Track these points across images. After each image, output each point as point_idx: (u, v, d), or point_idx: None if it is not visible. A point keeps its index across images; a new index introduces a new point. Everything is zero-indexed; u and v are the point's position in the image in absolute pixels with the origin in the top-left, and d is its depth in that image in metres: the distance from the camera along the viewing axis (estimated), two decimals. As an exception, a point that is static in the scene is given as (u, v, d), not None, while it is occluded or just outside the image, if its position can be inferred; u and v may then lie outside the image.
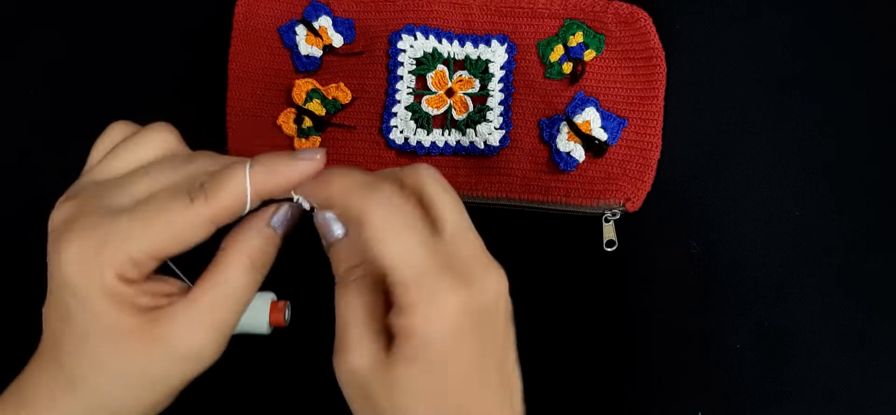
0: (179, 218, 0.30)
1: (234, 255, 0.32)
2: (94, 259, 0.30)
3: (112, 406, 0.32)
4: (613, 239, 0.49)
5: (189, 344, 0.31)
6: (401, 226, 0.30)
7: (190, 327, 0.31)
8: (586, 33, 0.51)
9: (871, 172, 0.50)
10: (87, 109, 0.54)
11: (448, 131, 0.50)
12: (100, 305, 0.30)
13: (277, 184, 0.32)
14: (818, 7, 0.53)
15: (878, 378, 0.47)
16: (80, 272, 0.30)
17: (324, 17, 0.52)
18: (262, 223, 0.33)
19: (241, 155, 0.34)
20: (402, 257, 0.30)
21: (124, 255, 0.30)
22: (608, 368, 0.48)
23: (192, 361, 0.32)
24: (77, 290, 0.30)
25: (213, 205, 0.31)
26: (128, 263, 0.30)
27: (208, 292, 0.32)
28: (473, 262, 0.31)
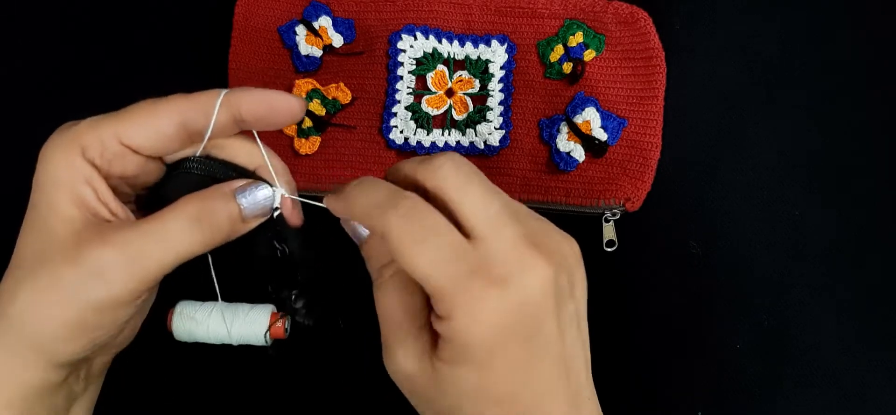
0: (150, 107, 0.32)
1: (184, 201, 0.33)
2: (64, 136, 0.32)
3: (34, 314, 0.32)
4: (613, 239, 0.49)
5: (97, 259, 0.31)
6: (425, 239, 0.29)
7: (107, 244, 0.31)
8: (586, 33, 0.51)
9: (871, 172, 0.50)
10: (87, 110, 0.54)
11: (448, 131, 0.50)
12: (54, 189, 0.31)
13: (249, 102, 0.33)
14: (818, 7, 0.53)
15: (878, 378, 0.47)
16: (49, 148, 0.32)
17: (324, 17, 0.52)
18: (225, 187, 0.34)
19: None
20: (430, 269, 0.29)
21: (92, 133, 0.32)
22: (608, 368, 0.48)
23: (98, 280, 0.31)
24: (41, 175, 0.32)
25: (183, 99, 0.32)
26: (94, 141, 0.32)
27: (142, 224, 0.32)
28: (510, 258, 0.29)
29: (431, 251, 0.29)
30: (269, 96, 0.33)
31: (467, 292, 0.29)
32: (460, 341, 0.29)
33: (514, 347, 0.30)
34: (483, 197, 0.30)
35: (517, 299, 0.29)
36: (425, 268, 0.29)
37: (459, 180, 0.30)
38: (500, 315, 0.29)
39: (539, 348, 0.30)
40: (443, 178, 0.31)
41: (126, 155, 0.33)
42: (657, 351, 0.48)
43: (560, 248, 0.31)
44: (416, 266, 0.29)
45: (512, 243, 0.30)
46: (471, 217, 0.30)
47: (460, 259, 0.29)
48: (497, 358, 0.30)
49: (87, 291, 0.31)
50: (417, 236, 0.29)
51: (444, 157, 0.31)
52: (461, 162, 0.31)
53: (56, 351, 0.32)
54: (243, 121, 0.34)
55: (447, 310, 0.29)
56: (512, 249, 0.30)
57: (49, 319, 0.31)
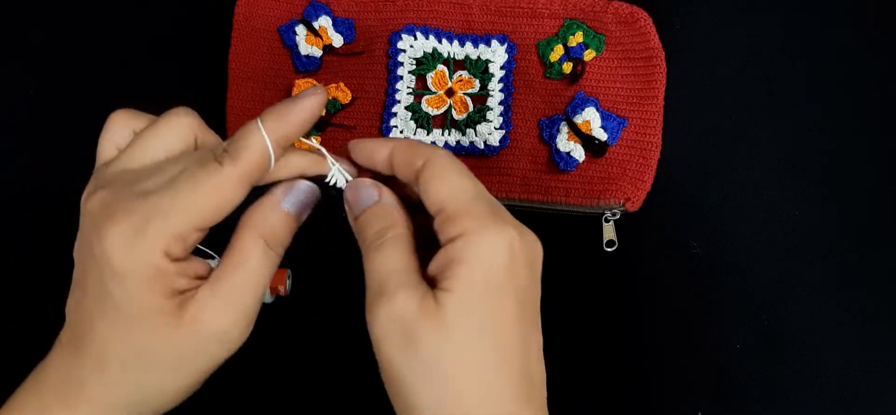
0: (213, 184, 0.31)
1: (250, 238, 0.33)
2: (140, 238, 0.30)
3: (144, 391, 0.33)
4: (613, 239, 0.49)
5: (216, 327, 0.32)
6: (459, 171, 0.33)
7: (216, 309, 0.32)
8: (586, 33, 0.51)
9: (871, 172, 0.50)
10: (87, 110, 0.54)
11: (448, 131, 0.50)
12: (142, 286, 0.31)
13: (291, 126, 0.33)
14: (818, 7, 0.53)
15: (878, 378, 0.47)
16: (125, 253, 0.30)
17: (324, 17, 0.52)
18: (274, 202, 0.34)
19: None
20: (458, 191, 0.32)
21: (168, 230, 0.30)
22: (608, 368, 0.48)
23: (220, 343, 0.32)
24: (121, 271, 0.30)
25: (240, 163, 0.32)
26: (172, 239, 0.31)
27: (230, 276, 0.32)
28: (514, 220, 0.33)
29: (465, 178, 0.33)
30: (306, 106, 0.34)
31: (490, 216, 0.31)
32: (478, 258, 0.31)
33: (516, 292, 0.31)
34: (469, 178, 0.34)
35: (525, 244, 0.32)
36: (457, 188, 0.32)
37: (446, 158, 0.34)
38: (512, 252, 0.31)
39: (532, 308, 0.33)
40: (435, 156, 0.34)
41: (202, 234, 0.33)
42: (657, 351, 0.48)
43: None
44: (448, 186, 0.32)
45: (502, 209, 0.33)
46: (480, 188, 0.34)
47: (484, 197, 0.33)
48: (503, 297, 0.31)
49: (213, 357, 0.33)
50: (454, 165, 0.33)
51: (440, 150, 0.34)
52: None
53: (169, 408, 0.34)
54: (289, 142, 0.34)
55: (469, 227, 0.31)
56: (505, 211, 0.33)
57: (174, 394, 0.33)
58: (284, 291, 0.47)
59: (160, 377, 0.32)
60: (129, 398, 0.32)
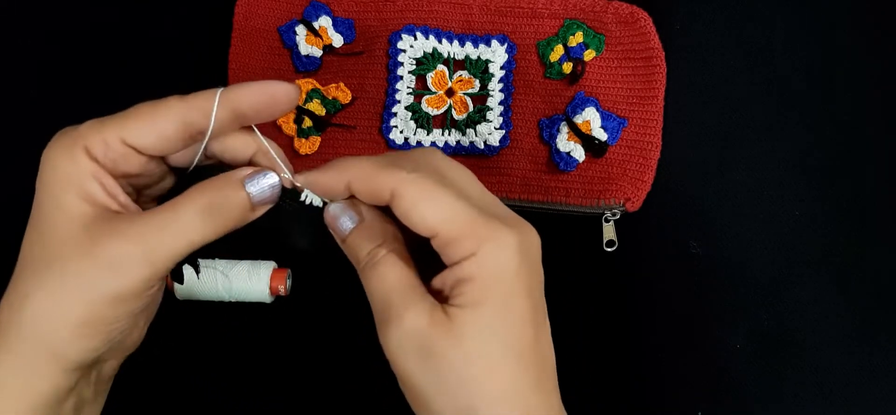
0: (151, 108, 0.32)
1: (193, 192, 0.33)
2: (68, 137, 0.32)
3: (47, 312, 0.31)
4: (613, 239, 0.49)
5: (112, 252, 0.31)
6: (435, 190, 0.31)
7: (120, 236, 0.31)
8: (586, 33, 0.51)
9: (871, 172, 0.50)
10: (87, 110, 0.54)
11: (448, 131, 0.50)
12: (55, 178, 0.32)
13: (245, 94, 0.33)
14: (817, 7, 0.53)
15: (878, 378, 0.47)
16: (51, 150, 0.32)
17: (324, 17, 0.52)
18: (234, 176, 0.34)
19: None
20: (447, 214, 0.31)
21: (95, 134, 0.32)
22: (608, 368, 0.48)
23: (112, 272, 0.31)
24: (44, 168, 0.32)
25: (184, 99, 0.32)
26: (97, 141, 0.32)
27: (153, 215, 0.32)
28: (509, 215, 0.32)
29: (444, 199, 0.31)
30: (266, 87, 0.34)
31: (488, 227, 0.31)
32: (487, 274, 0.30)
33: (527, 294, 0.31)
34: (471, 176, 0.34)
35: (528, 243, 0.32)
36: (442, 213, 0.31)
37: (450, 160, 0.34)
38: (519, 255, 0.31)
39: (540, 305, 0.32)
40: (433, 157, 0.33)
41: (129, 155, 0.33)
42: (657, 351, 0.48)
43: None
44: (431, 214, 0.31)
45: (503, 208, 0.33)
46: (467, 184, 0.33)
47: (472, 205, 0.31)
48: (515, 300, 0.31)
49: (102, 285, 0.31)
50: (428, 188, 0.31)
51: (432, 148, 0.34)
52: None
53: (70, 352, 0.32)
54: (244, 116, 0.34)
55: (469, 248, 0.30)
56: (508, 210, 0.33)
57: (63, 318, 0.31)
58: (284, 291, 0.47)
59: (54, 293, 0.31)
60: (32, 322, 0.31)
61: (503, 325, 0.31)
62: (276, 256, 0.48)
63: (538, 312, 0.32)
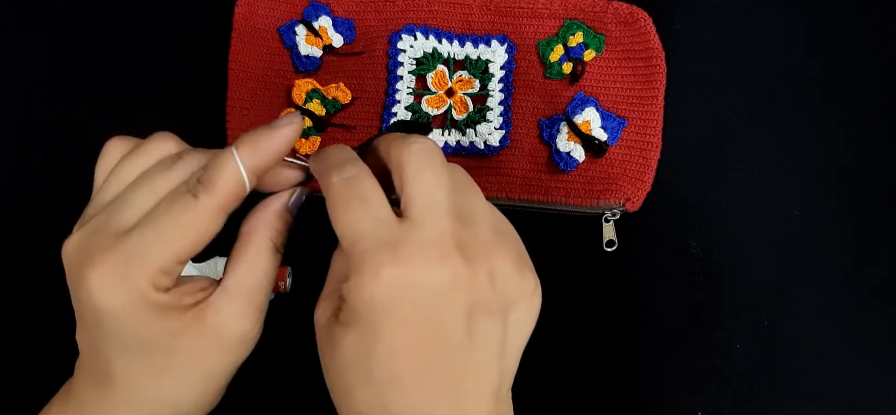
0: (190, 217, 0.31)
1: (262, 239, 0.33)
2: (124, 279, 0.30)
3: (175, 406, 0.33)
4: (613, 239, 0.49)
5: (237, 330, 0.32)
6: (352, 203, 0.31)
7: (236, 314, 0.32)
8: (586, 33, 0.51)
9: (871, 172, 0.50)
10: (87, 110, 0.54)
11: (448, 131, 0.50)
12: (143, 318, 0.31)
13: (265, 156, 0.33)
14: (819, 7, 0.53)
15: (878, 378, 0.47)
16: (113, 295, 0.30)
17: (324, 17, 0.52)
18: (282, 207, 0.34)
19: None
20: (347, 229, 0.31)
21: (151, 267, 0.30)
22: (608, 368, 0.48)
23: (242, 345, 0.33)
24: (116, 311, 0.30)
25: (216, 195, 0.31)
26: (157, 274, 0.31)
27: (245, 278, 0.33)
28: (426, 247, 0.30)
29: (354, 214, 0.31)
30: (278, 136, 0.33)
31: (369, 259, 0.30)
32: (351, 301, 0.30)
33: (402, 329, 0.30)
34: (432, 185, 0.31)
35: (416, 282, 0.30)
36: (344, 227, 0.31)
37: (420, 162, 0.31)
38: (393, 290, 0.30)
39: (433, 345, 0.31)
40: (408, 154, 0.31)
41: (184, 264, 0.33)
42: (657, 351, 0.48)
43: (493, 264, 0.31)
44: (336, 224, 0.31)
45: (436, 236, 0.30)
46: (413, 198, 0.31)
47: (377, 229, 0.30)
48: (383, 331, 0.30)
49: (237, 359, 0.33)
50: (348, 200, 0.31)
51: (422, 141, 0.32)
52: (433, 150, 0.32)
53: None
54: (265, 171, 0.34)
55: (351, 268, 0.30)
56: (433, 241, 0.30)
57: (192, 398, 0.33)
58: (285, 288, 0.47)
59: (190, 389, 0.33)
60: (161, 406, 0.33)
61: (365, 354, 0.31)
62: None
63: (429, 354, 0.32)
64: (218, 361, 0.33)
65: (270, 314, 0.48)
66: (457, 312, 0.30)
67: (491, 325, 0.31)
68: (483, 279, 0.31)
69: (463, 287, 0.30)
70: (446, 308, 0.30)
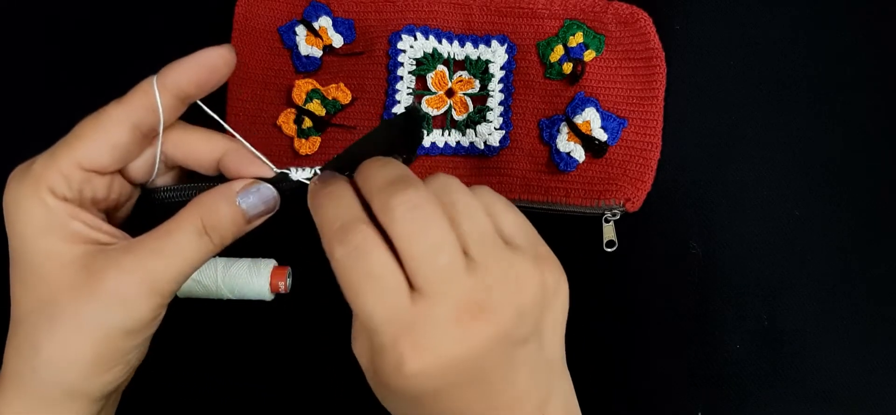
0: (96, 121, 0.32)
1: (187, 212, 0.32)
2: (23, 177, 0.31)
3: (57, 357, 0.31)
4: (613, 239, 0.49)
5: (118, 287, 0.31)
6: (365, 284, 0.29)
7: (122, 270, 0.31)
8: (586, 34, 0.51)
9: (871, 172, 0.50)
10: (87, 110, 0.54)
11: (448, 132, 0.50)
12: (31, 228, 0.30)
13: (182, 73, 0.32)
14: (818, 7, 0.53)
15: (878, 378, 0.47)
16: (11, 196, 0.31)
17: (324, 18, 0.52)
18: (227, 191, 0.33)
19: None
20: (360, 311, 0.29)
21: (52, 167, 0.31)
22: (608, 368, 0.48)
23: (122, 307, 0.31)
24: (12, 217, 0.31)
25: (125, 101, 0.32)
26: (55, 176, 0.31)
27: (149, 241, 0.32)
28: (444, 325, 0.29)
29: (366, 298, 0.29)
30: (200, 59, 0.33)
31: (393, 350, 0.28)
32: (383, 382, 0.29)
33: (442, 394, 0.29)
34: (431, 252, 0.29)
35: (444, 363, 0.29)
36: (357, 309, 0.29)
37: (410, 232, 0.29)
38: (421, 379, 0.29)
39: (479, 391, 0.30)
40: (393, 223, 0.29)
41: (92, 178, 0.32)
42: (657, 351, 0.48)
43: (515, 296, 0.30)
44: (355, 306, 0.29)
45: (451, 309, 0.29)
46: (416, 271, 0.29)
47: (392, 315, 0.28)
48: (424, 400, 0.30)
49: (112, 321, 0.31)
50: (358, 282, 0.29)
51: (402, 196, 0.29)
52: (420, 204, 0.29)
53: (91, 389, 0.32)
54: (187, 95, 0.33)
55: (375, 352, 0.29)
56: (449, 317, 0.29)
57: (79, 361, 0.31)
58: (285, 289, 0.47)
59: (67, 338, 0.31)
60: (49, 367, 0.31)
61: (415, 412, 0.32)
62: (277, 253, 0.48)
63: (474, 397, 0.32)
64: (97, 311, 0.31)
65: (270, 315, 0.49)
66: (491, 361, 0.29)
67: (526, 350, 0.31)
68: (511, 319, 0.29)
69: (491, 340, 0.29)
70: (479, 365, 0.29)
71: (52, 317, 0.31)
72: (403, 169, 0.31)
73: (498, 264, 0.30)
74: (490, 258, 0.30)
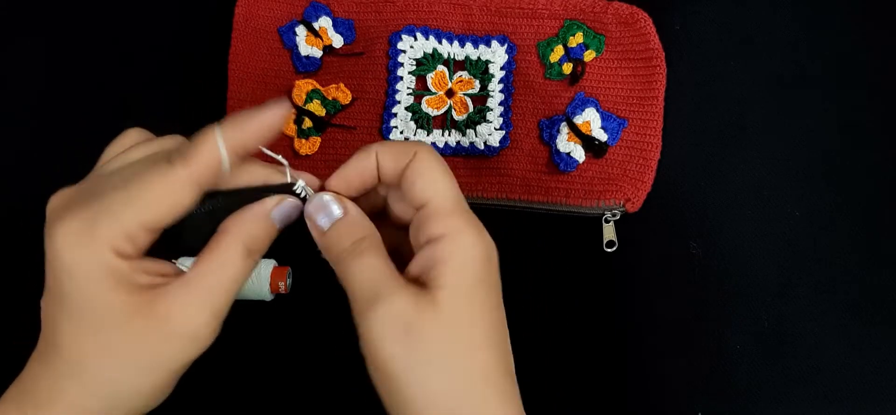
0: (163, 183, 0.31)
1: (232, 240, 0.33)
2: (88, 236, 0.30)
3: (115, 391, 0.32)
4: (613, 239, 0.49)
5: (187, 324, 0.32)
6: (444, 168, 0.34)
7: (188, 306, 0.32)
8: (586, 34, 0.51)
9: (871, 173, 0.50)
10: (87, 110, 0.54)
11: (448, 132, 0.50)
12: (97, 284, 0.30)
13: (248, 135, 0.33)
14: (818, 7, 0.53)
15: (878, 378, 0.47)
16: (74, 251, 0.30)
17: (324, 18, 0.52)
18: (262, 212, 0.34)
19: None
20: (445, 189, 0.34)
21: (117, 228, 0.30)
22: (608, 368, 0.48)
23: (190, 341, 0.32)
24: (73, 270, 0.30)
25: (190, 164, 0.31)
26: (121, 237, 0.31)
27: (206, 275, 0.32)
28: (479, 221, 0.34)
29: (448, 179, 0.34)
30: (264, 119, 0.33)
31: (468, 221, 0.33)
32: (463, 256, 0.32)
33: (490, 293, 0.34)
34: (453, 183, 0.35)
35: (492, 254, 0.34)
36: (443, 187, 0.34)
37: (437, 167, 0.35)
38: (488, 248, 0.33)
39: (498, 312, 0.34)
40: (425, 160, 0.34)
41: (154, 234, 0.32)
42: (657, 351, 0.48)
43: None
44: (434, 184, 0.34)
45: (469, 214, 0.34)
46: (452, 194, 0.34)
47: (460, 195, 0.34)
48: (489, 288, 0.33)
49: (184, 357, 0.32)
50: (440, 164, 0.34)
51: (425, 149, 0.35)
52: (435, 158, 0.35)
53: (141, 410, 0.34)
54: (248, 151, 0.34)
55: (454, 227, 0.33)
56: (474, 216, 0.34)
57: (144, 392, 0.33)
58: (285, 289, 0.47)
59: (132, 376, 0.32)
60: (103, 400, 0.32)
61: (480, 310, 0.33)
62: (277, 253, 0.48)
63: (502, 309, 0.35)
64: (164, 351, 0.32)
65: (271, 315, 0.49)
66: (498, 275, 0.34)
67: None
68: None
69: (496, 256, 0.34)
70: (497, 262, 0.34)
71: (122, 362, 0.32)
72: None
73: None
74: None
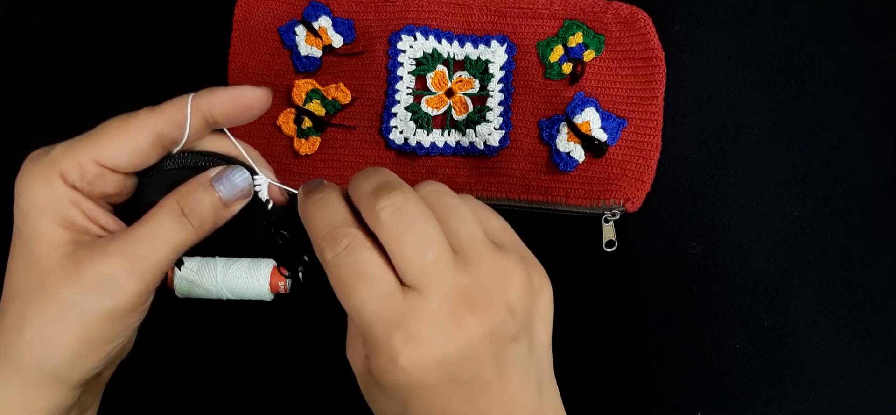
0: (123, 124, 0.32)
1: (166, 199, 0.33)
2: (39, 161, 0.32)
3: (43, 337, 0.32)
4: (613, 239, 0.49)
5: (101, 271, 0.32)
6: (356, 282, 0.30)
7: (105, 255, 0.32)
8: (586, 34, 0.51)
9: (871, 173, 0.50)
10: (87, 110, 0.54)
11: (448, 132, 0.50)
12: (33, 207, 0.31)
13: (217, 101, 0.33)
14: (820, 7, 0.53)
15: (878, 378, 0.47)
16: (23, 176, 0.32)
17: (323, 18, 0.52)
18: (203, 178, 0.34)
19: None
20: (353, 311, 0.30)
21: (71, 157, 0.32)
22: (608, 368, 0.48)
23: (105, 291, 0.32)
24: (18, 194, 0.32)
25: (156, 113, 0.32)
26: (71, 164, 0.32)
27: (132, 229, 0.33)
28: (435, 318, 0.30)
29: (357, 296, 0.30)
30: (238, 94, 0.34)
31: (383, 346, 0.30)
32: (377, 380, 0.31)
33: (431, 398, 0.30)
34: (418, 248, 0.30)
35: (435, 357, 0.30)
36: (350, 309, 0.30)
37: (396, 232, 0.30)
38: (415, 372, 0.30)
39: (467, 394, 0.31)
40: (379, 225, 0.30)
41: (105, 175, 0.33)
42: (657, 351, 0.48)
43: (504, 293, 0.31)
44: (342, 302, 0.31)
45: (442, 301, 0.30)
46: (405, 268, 0.30)
47: (384, 310, 0.30)
48: (415, 403, 0.31)
49: (96, 306, 0.32)
50: (347, 280, 0.30)
51: (387, 200, 0.30)
52: (404, 205, 0.30)
53: (72, 374, 0.32)
54: (216, 122, 0.34)
55: (368, 350, 0.31)
56: (441, 309, 0.30)
57: (62, 343, 0.32)
58: (285, 289, 0.47)
59: (50, 322, 0.32)
60: (31, 348, 0.32)
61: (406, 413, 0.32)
62: None
63: (466, 397, 0.32)
64: (78, 296, 0.31)
65: (271, 315, 0.49)
66: (483, 358, 0.30)
67: (517, 348, 0.31)
68: (501, 314, 0.31)
69: (482, 335, 0.30)
70: (471, 361, 0.30)
71: (39, 300, 0.32)
72: (390, 175, 0.32)
73: (487, 262, 0.31)
74: (479, 256, 0.31)
